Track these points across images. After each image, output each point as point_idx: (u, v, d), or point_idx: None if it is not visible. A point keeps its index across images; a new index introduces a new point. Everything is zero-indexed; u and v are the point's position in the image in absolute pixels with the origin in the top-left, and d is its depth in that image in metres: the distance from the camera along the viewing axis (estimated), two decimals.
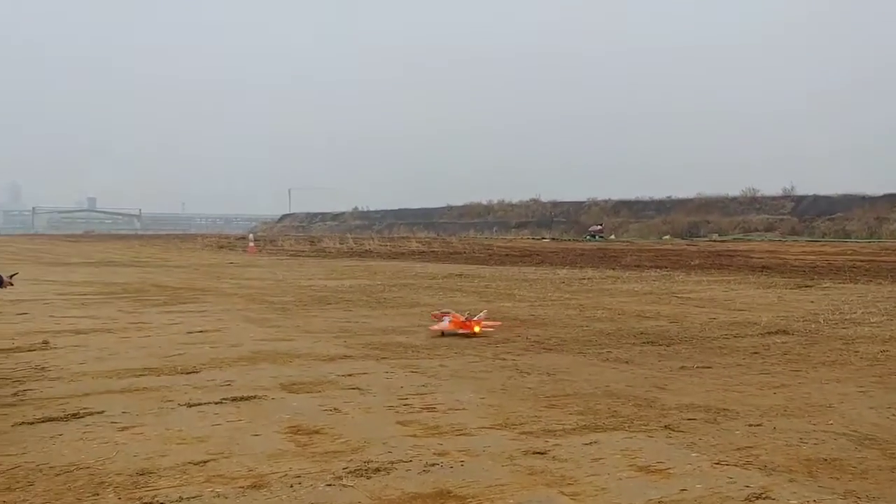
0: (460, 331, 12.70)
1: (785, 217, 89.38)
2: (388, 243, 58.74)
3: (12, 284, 8.49)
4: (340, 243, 58.07)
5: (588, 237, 78.28)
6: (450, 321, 12.97)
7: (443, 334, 12.73)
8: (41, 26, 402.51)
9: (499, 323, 13.61)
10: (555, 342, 11.94)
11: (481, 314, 13.35)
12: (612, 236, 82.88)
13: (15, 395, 8.22)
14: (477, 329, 12.72)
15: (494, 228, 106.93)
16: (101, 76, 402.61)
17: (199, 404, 7.73)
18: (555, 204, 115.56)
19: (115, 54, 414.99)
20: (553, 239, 75.80)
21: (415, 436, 6.55)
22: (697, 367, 9.90)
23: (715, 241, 69.43)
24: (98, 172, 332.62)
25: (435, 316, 13.63)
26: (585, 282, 24.42)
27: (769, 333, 12.92)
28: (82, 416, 7.23)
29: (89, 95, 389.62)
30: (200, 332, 13.02)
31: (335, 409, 7.53)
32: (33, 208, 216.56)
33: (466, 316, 13.00)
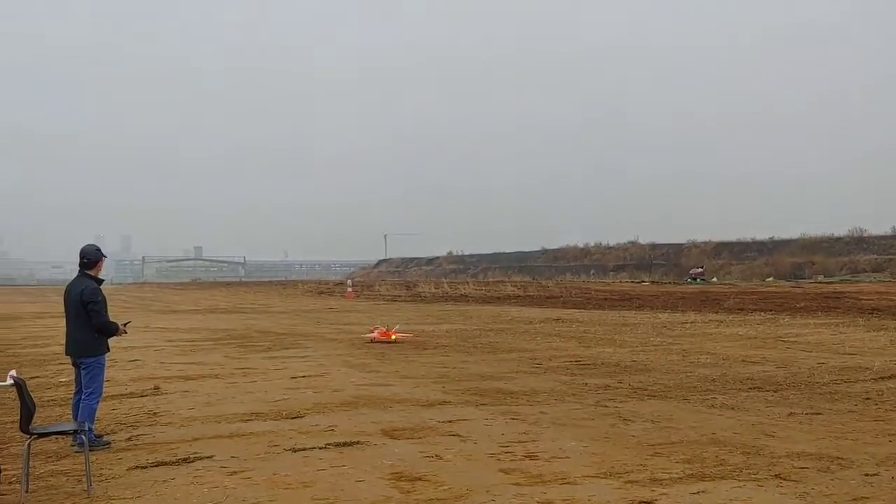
0: (384, 339, 18.93)
1: (895, 257, 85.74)
2: (484, 287, 58.81)
3: (126, 332, 8.84)
4: (436, 288, 58.47)
5: (689, 280, 76.55)
6: (378, 332, 19.33)
7: (372, 341, 18.94)
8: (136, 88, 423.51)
9: (411, 335, 20.15)
10: (658, 388, 11.72)
11: (396, 326, 20.35)
12: (714, 279, 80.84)
13: (129, 439, 8.55)
14: (394, 337, 19.14)
15: (591, 272, 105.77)
16: (199, 133, 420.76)
17: (304, 449, 7.88)
18: (653, 246, 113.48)
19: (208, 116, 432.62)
20: (653, 282, 74.47)
21: (518, 484, 6.51)
22: (807, 414, 9.57)
23: (821, 282, 66.96)
24: (204, 221, 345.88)
25: (372, 328, 20.37)
26: (687, 326, 23.93)
27: (882, 378, 12.39)
28: (193, 461, 7.46)
29: (192, 150, 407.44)
30: (303, 377, 13.28)
31: (437, 455, 7.56)
32: (143, 257, 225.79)
33: (387, 327, 19.80)
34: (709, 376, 12.92)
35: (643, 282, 74.86)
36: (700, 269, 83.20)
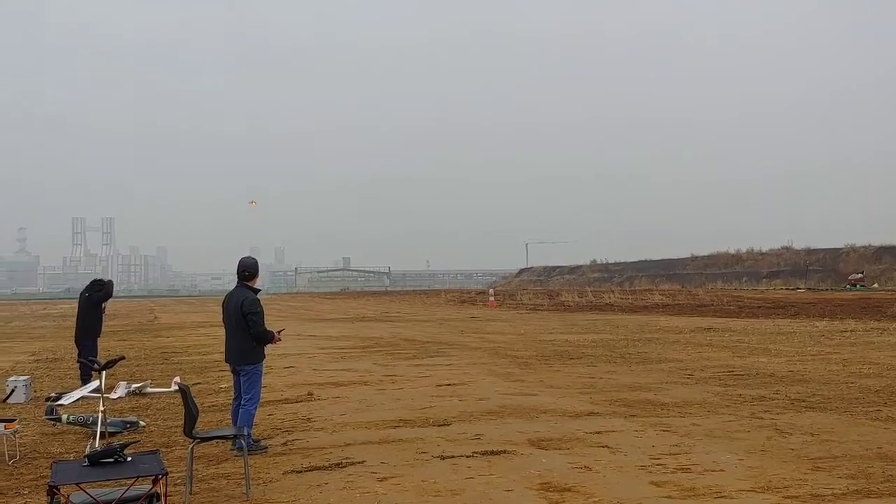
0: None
1: None
2: (629, 296, 57.60)
3: (280, 340, 9.16)
4: (579, 297, 57.68)
5: (848, 286, 72.69)
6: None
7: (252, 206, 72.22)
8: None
9: (255, 204, 45.67)
10: (817, 400, 11.17)
11: (255, 201, 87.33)
12: (875, 285, 76.41)
13: (285, 444, 8.85)
14: (253, 204, 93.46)
15: (744, 279, 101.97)
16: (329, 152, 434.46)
17: (452, 457, 7.94)
18: (809, 251, 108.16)
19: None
20: (809, 289, 71.14)
21: (670, 497, 6.34)
22: None
23: None
24: (351, 233, 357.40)
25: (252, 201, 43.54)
26: (847, 335, 22.71)
27: None
28: (345, 466, 7.65)
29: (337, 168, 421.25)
30: (448, 385, 13.40)
31: (585, 466, 7.46)
32: (296, 268, 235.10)
33: (253, 202, 42.08)
34: (872, 387, 12.22)
35: (798, 289, 71.69)
36: (860, 275, 78.76)
